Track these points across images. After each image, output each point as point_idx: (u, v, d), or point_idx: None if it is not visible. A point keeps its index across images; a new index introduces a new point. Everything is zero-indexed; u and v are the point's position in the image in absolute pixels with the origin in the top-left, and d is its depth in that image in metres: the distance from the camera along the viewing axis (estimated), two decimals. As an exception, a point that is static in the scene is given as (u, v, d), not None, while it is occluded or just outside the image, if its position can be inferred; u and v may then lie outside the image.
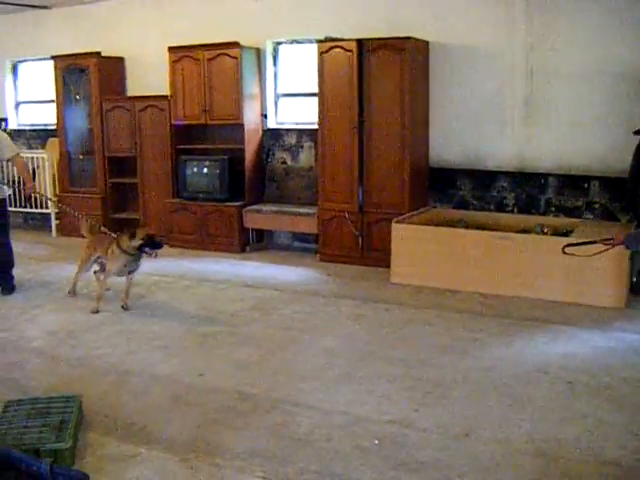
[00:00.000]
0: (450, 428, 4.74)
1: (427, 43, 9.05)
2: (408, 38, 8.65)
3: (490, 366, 5.80)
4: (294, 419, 4.91)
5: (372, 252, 9.01)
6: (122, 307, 7.55)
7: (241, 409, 5.10)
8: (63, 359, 6.22)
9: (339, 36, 9.10)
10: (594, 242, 5.61)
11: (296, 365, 5.93)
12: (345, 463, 4.30)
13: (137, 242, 7.33)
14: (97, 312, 7.43)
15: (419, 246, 7.84)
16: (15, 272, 8.38)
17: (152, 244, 7.43)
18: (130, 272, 7.60)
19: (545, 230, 8.02)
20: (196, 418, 4.97)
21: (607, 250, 5.63)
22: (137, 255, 7.48)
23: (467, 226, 7.01)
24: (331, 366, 5.88)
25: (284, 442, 4.58)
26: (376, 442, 4.54)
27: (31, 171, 8.56)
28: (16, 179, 10.70)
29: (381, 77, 8.79)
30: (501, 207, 8.91)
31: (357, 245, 9.09)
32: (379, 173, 8.94)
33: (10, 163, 8.88)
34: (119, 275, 7.63)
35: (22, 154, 8.43)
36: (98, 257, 7.84)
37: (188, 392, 5.42)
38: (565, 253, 5.65)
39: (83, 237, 8.17)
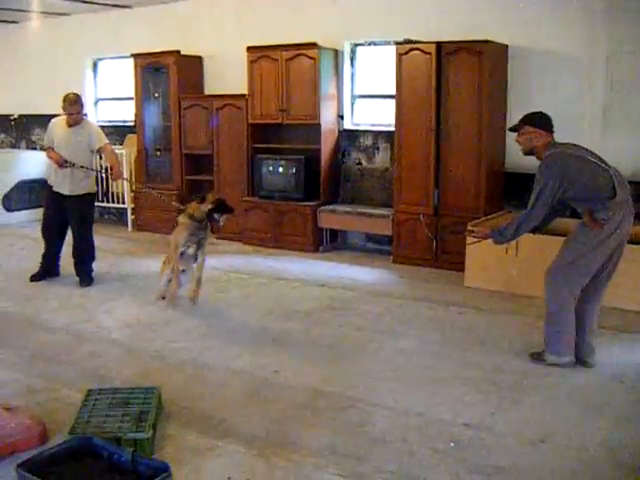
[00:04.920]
0: (526, 433, 4.72)
1: (506, 47, 8.99)
2: (487, 42, 8.60)
3: (565, 373, 5.75)
4: (370, 418, 4.95)
5: (446, 255, 8.99)
6: (190, 300, 7.46)
7: (317, 406, 5.15)
8: (141, 351, 6.36)
9: (417, 38, 9.10)
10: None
11: (371, 365, 5.97)
12: (421, 464, 4.32)
13: (207, 206, 7.18)
14: (163, 299, 7.55)
15: (494, 250, 7.79)
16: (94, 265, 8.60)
17: (223, 208, 7.27)
18: (199, 246, 7.32)
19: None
20: (273, 414, 5.03)
21: (478, 242, 6.43)
22: (205, 222, 7.28)
23: (542, 232, 6.96)
24: (406, 367, 5.90)
25: (360, 441, 4.62)
26: (452, 444, 4.56)
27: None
28: (103, 168, 10.90)
29: (459, 80, 8.77)
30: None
31: (431, 248, 9.08)
32: (455, 176, 8.92)
33: (100, 156, 9.12)
34: (187, 249, 7.31)
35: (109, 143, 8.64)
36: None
37: (264, 388, 5.50)
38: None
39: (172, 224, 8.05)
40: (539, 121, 5.83)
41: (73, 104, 8.07)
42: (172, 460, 4.22)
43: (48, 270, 8.63)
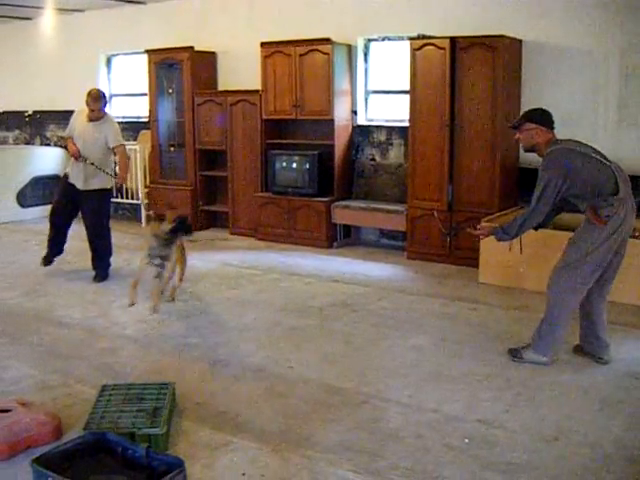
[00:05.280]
0: (540, 430, 4.71)
1: (520, 42, 8.95)
2: (501, 36, 8.58)
3: (580, 369, 5.74)
4: (384, 415, 4.94)
5: (460, 251, 8.96)
6: (152, 309, 6.85)
7: (331, 402, 5.15)
8: (155, 346, 6.38)
9: (431, 33, 9.08)
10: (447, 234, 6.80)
11: (385, 361, 5.96)
12: (435, 461, 4.31)
13: (167, 226, 6.79)
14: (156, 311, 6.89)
15: (507, 247, 7.76)
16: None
17: (183, 228, 6.94)
18: (163, 260, 6.90)
19: (637, 234, 7.87)
20: (287, 409, 5.04)
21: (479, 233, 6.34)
22: (169, 240, 6.86)
23: (556, 227, 6.94)
24: (420, 363, 5.89)
25: (374, 437, 4.62)
26: (466, 441, 4.55)
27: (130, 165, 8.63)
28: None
29: (473, 75, 8.75)
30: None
31: (445, 243, 9.05)
32: (469, 172, 8.90)
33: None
34: (152, 261, 6.90)
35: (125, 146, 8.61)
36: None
37: (278, 383, 5.50)
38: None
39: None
40: (540, 117, 5.82)
41: (95, 100, 8.10)
42: (186, 456, 4.22)
43: (53, 254, 8.71)
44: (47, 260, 8.66)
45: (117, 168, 8.62)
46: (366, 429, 4.73)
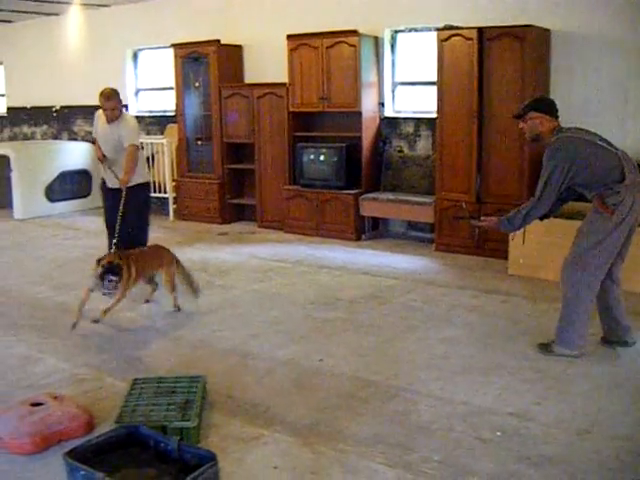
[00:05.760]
0: (572, 423, 4.66)
1: (548, 31, 8.87)
2: (530, 26, 8.50)
3: (611, 362, 5.69)
4: (415, 407, 4.92)
5: (489, 242, 8.90)
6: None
7: (362, 395, 5.13)
8: (185, 340, 6.39)
9: (458, 24, 9.03)
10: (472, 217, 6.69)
11: (415, 354, 5.93)
12: (467, 454, 4.28)
13: (98, 269, 6.58)
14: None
15: (537, 238, 7.70)
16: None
17: (111, 273, 6.56)
18: (107, 292, 6.71)
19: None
20: (318, 402, 5.03)
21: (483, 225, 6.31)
22: (102, 278, 6.58)
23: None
24: (451, 356, 5.86)
25: (405, 430, 4.60)
26: (498, 434, 4.51)
27: (139, 166, 7.99)
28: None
29: (501, 66, 8.68)
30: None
31: (474, 235, 8.99)
32: (498, 163, 8.84)
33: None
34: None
35: (138, 148, 8.12)
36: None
37: (309, 376, 5.49)
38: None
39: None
40: (544, 106, 5.74)
41: (107, 99, 7.73)
42: (217, 449, 4.21)
43: None
44: None
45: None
46: (397, 422, 4.71)
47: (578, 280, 5.61)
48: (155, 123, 13.11)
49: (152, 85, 13.63)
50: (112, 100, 7.74)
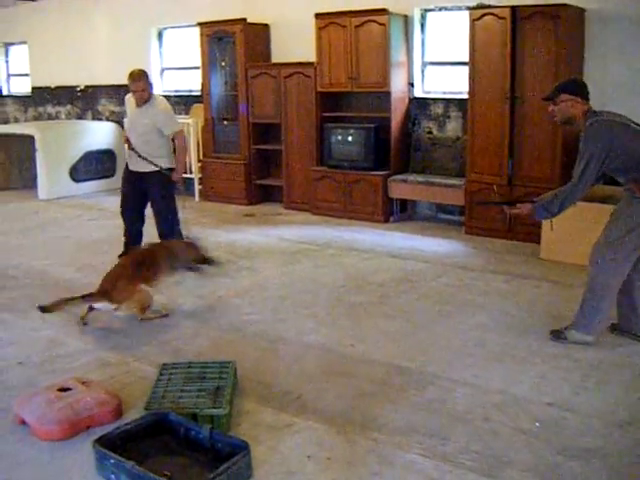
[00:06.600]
0: (612, 414, 4.54)
1: (583, 11, 8.64)
2: (564, 5, 8.29)
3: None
4: (450, 395, 4.81)
5: (521, 226, 8.73)
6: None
7: (395, 383, 5.03)
8: (214, 323, 6.30)
9: (490, 3, 8.84)
10: (502, 203, 6.41)
11: (448, 340, 5.81)
12: (505, 445, 4.17)
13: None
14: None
15: (570, 222, 7.53)
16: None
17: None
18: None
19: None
20: (350, 390, 4.92)
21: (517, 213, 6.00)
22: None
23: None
24: (484, 342, 5.74)
25: (441, 419, 4.49)
26: (537, 424, 4.39)
27: (168, 149, 7.95)
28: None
29: (535, 46, 8.47)
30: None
31: (505, 218, 8.83)
32: (530, 146, 8.66)
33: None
34: None
35: (183, 133, 8.12)
36: None
37: (340, 362, 5.39)
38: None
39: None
40: (576, 88, 5.56)
41: (135, 80, 7.55)
42: (249, 437, 4.13)
43: (128, 248, 8.07)
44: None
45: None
46: (432, 411, 4.60)
47: (606, 268, 5.48)
48: (180, 103, 12.98)
49: (177, 64, 13.48)
50: (141, 81, 7.57)
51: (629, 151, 5.29)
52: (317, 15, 10.35)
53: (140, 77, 7.59)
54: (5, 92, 17.00)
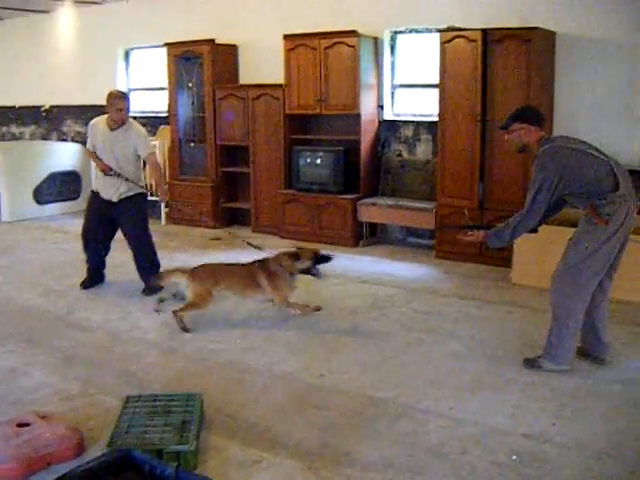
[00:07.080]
0: (590, 445, 4.42)
1: (554, 34, 8.62)
2: (535, 28, 8.26)
3: (628, 379, 5.43)
4: (424, 428, 4.66)
5: (492, 250, 8.61)
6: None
7: (367, 414, 4.88)
8: (179, 352, 6.12)
9: (460, 25, 8.79)
10: (463, 227, 6.29)
11: (421, 369, 5.67)
12: (483, 480, 4.04)
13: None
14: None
15: (542, 246, 7.47)
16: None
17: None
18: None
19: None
20: (321, 422, 4.77)
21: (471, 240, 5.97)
22: None
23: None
24: (458, 371, 5.61)
25: (415, 453, 4.34)
26: (514, 458, 4.26)
27: (139, 172, 7.89)
28: (148, 184, 9.98)
29: (506, 69, 8.43)
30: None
31: (475, 242, 8.72)
32: (501, 169, 8.60)
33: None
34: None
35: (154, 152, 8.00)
36: None
37: (310, 393, 5.23)
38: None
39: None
40: (529, 116, 5.56)
41: (122, 99, 7.42)
42: (216, 475, 4.00)
43: (92, 277, 8.04)
44: (85, 286, 7.98)
45: (150, 181, 7.91)
46: (407, 444, 4.45)
47: (568, 295, 5.42)
48: (147, 124, 12.75)
49: (144, 85, 13.31)
50: (126, 100, 7.52)
51: (584, 177, 5.27)
52: (286, 36, 10.26)
53: (125, 96, 7.57)
54: (-33, 112, 16.75)
